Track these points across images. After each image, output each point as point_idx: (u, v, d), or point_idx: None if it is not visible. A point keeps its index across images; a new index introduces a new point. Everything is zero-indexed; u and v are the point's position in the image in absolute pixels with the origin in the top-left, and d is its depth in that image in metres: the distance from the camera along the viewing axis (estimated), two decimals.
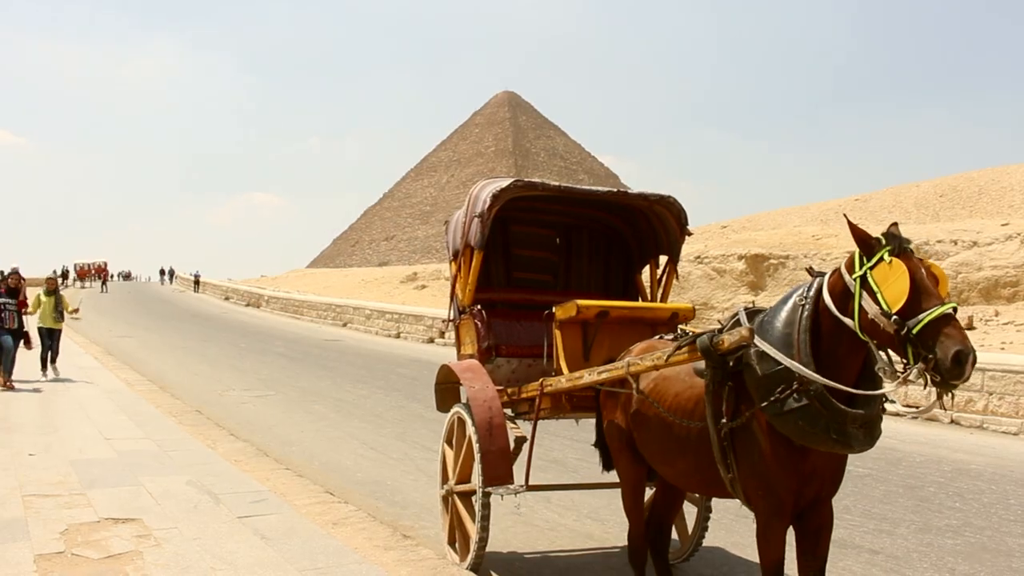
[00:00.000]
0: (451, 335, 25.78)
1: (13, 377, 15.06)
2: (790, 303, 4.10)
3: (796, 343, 3.95)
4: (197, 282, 69.15)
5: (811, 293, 4.02)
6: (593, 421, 6.07)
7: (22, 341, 15.75)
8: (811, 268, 4.21)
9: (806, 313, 3.98)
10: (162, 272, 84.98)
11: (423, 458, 9.86)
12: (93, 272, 78.19)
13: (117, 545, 6.16)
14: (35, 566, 5.68)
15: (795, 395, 3.89)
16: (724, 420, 4.27)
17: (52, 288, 17.23)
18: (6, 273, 22.59)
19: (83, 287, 70.95)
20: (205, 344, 25.91)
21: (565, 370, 5.81)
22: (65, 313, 17.39)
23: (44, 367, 16.50)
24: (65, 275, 76.19)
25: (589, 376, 5.39)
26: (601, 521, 7.48)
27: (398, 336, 29.88)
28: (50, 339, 16.63)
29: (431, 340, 27.86)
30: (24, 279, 22.80)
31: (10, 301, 15.42)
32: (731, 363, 4.28)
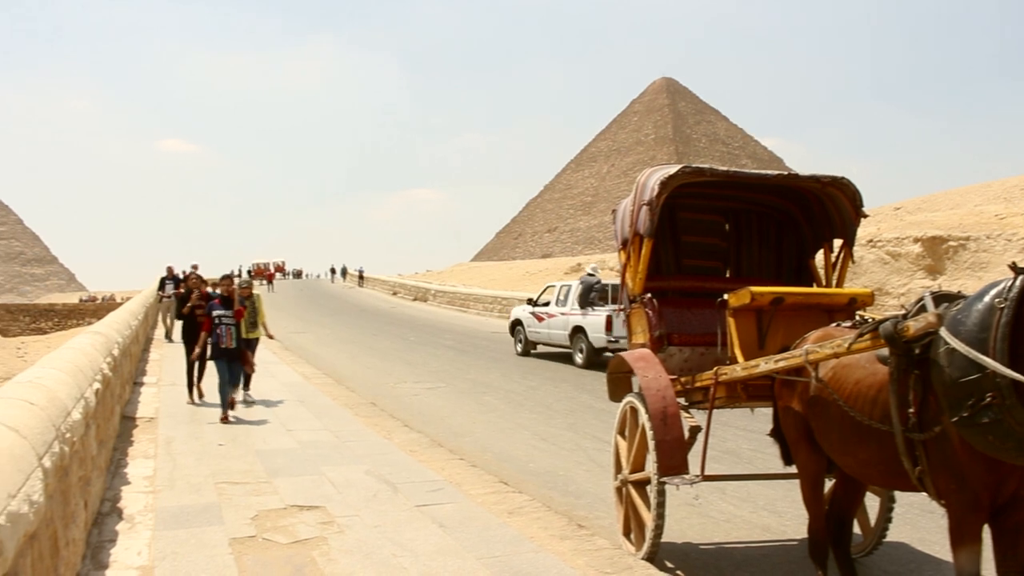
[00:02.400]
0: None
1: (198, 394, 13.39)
2: (985, 303, 3.79)
3: (992, 350, 3.66)
4: (361, 277, 71.37)
5: (1012, 294, 3.72)
6: (768, 410, 5.92)
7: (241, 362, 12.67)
8: (1014, 264, 3.87)
9: (1005, 319, 3.66)
10: (332, 270, 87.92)
11: (595, 448, 9.86)
12: (272, 271, 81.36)
13: (303, 531, 6.42)
14: (230, 548, 5.99)
15: (987, 409, 3.64)
16: (911, 410, 4.06)
17: (247, 294, 13.88)
18: (187, 272, 23.19)
19: (260, 285, 74.18)
20: (376, 338, 26.66)
21: (740, 358, 5.68)
22: (259, 324, 14.20)
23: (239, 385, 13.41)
24: (252, 275, 79.78)
25: (765, 364, 5.25)
26: (778, 513, 7.28)
27: None
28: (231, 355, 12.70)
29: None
30: (206, 280, 23.79)
31: (226, 313, 12.12)
32: (917, 350, 4.06)
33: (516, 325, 21.60)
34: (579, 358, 18.47)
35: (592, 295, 18.61)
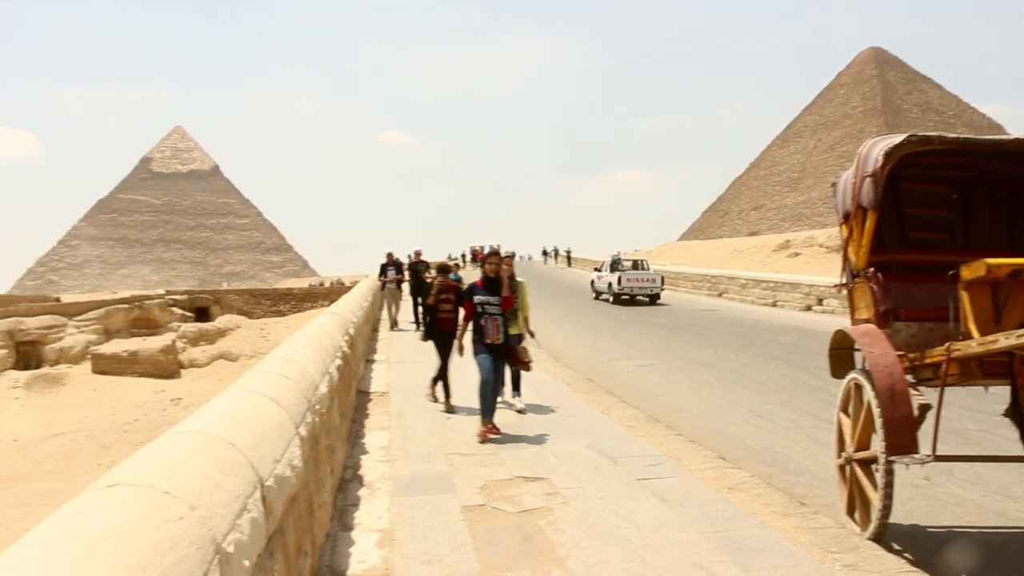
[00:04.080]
0: (831, 301, 24.84)
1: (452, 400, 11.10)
2: None
3: None
4: (569, 258, 72.52)
5: None
6: (999, 391, 5.65)
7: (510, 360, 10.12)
8: None
9: None
10: (544, 252, 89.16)
11: (812, 426, 9.68)
12: (486, 254, 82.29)
13: (529, 501, 6.70)
14: (462, 515, 6.34)
15: None
16: None
17: (492, 272, 9.96)
18: (412, 258, 23.13)
19: (474, 268, 75.95)
20: (588, 316, 26.96)
21: (975, 334, 5.44)
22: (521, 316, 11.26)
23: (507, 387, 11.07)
24: (473, 258, 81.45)
25: (1006, 339, 5.00)
26: (1014, 498, 6.94)
27: (774, 304, 29.31)
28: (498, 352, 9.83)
29: (808, 308, 27.07)
30: (430, 263, 24.00)
31: (491, 300, 9.60)
32: None
33: (592, 282, 36.58)
34: (610, 298, 32.90)
35: (616, 264, 34.24)
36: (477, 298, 9.63)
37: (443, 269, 12.10)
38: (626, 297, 32.00)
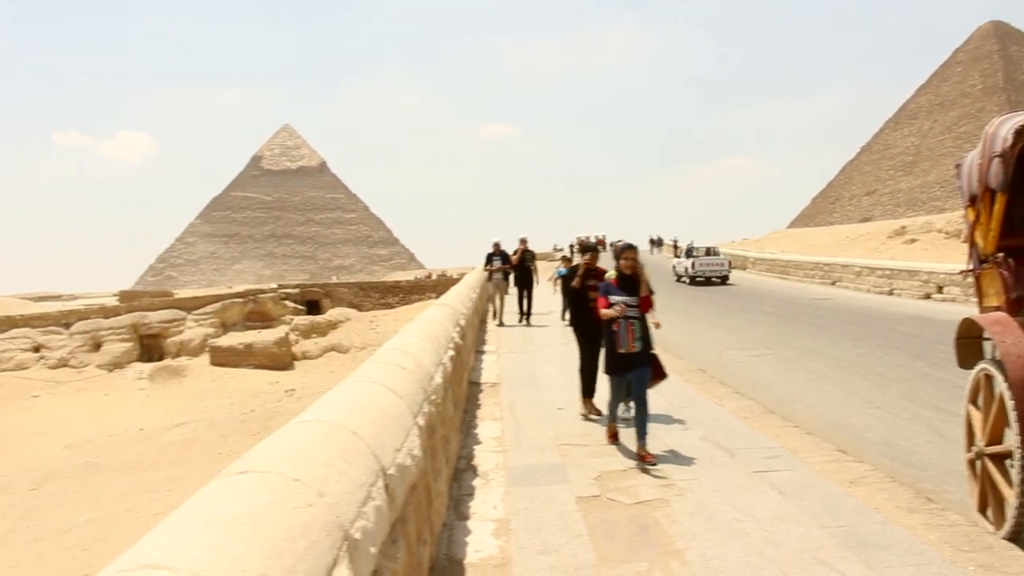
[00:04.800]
0: (951, 289, 23.97)
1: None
2: None
3: None
4: (675, 247, 72.14)
5: None
6: None
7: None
8: None
9: None
10: (651, 241, 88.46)
11: (936, 419, 9.33)
12: (595, 245, 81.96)
13: (645, 492, 6.66)
14: (577, 506, 6.34)
15: None
16: None
17: (629, 269, 8.27)
18: (518, 247, 22.38)
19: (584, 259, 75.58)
20: (694, 305, 26.63)
21: None
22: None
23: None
24: (590, 249, 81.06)
25: None
26: None
27: (890, 293, 28.42)
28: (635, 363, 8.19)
29: (927, 296, 26.13)
30: (533, 253, 23.70)
31: (629, 300, 8.08)
32: None
33: (673, 267, 41.87)
34: (686, 280, 38.03)
35: (690, 251, 40.21)
36: (613, 298, 8.13)
37: (589, 249, 10.47)
38: (700, 279, 37.64)
